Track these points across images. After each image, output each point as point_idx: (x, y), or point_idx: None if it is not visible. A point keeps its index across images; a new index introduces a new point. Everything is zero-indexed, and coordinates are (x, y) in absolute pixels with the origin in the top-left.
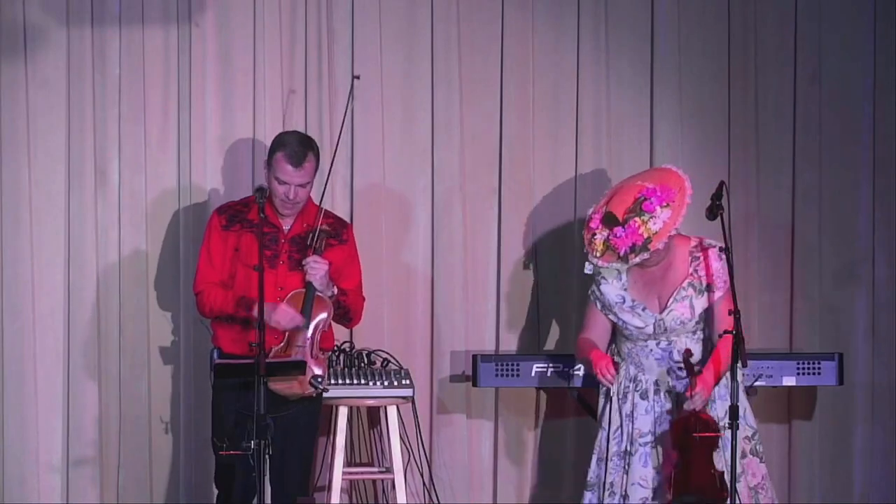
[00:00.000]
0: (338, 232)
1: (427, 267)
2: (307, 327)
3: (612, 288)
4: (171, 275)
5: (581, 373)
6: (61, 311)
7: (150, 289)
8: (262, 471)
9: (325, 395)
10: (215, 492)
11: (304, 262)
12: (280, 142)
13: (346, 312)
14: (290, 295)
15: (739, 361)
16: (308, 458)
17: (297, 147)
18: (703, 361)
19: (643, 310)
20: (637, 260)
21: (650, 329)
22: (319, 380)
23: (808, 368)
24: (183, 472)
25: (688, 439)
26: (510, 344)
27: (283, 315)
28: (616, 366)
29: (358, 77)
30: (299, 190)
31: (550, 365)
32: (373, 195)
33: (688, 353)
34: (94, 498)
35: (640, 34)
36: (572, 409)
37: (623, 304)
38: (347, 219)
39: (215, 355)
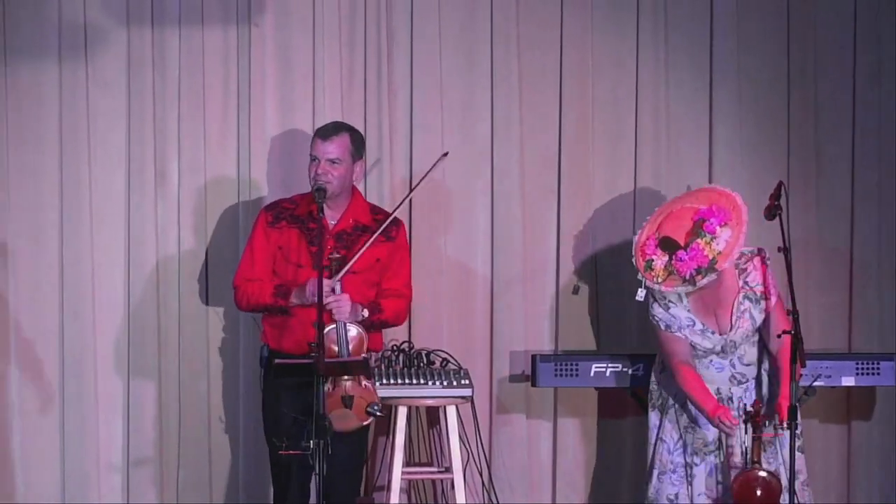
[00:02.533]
0: (386, 228)
1: (486, 267)
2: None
3: (681, 311)
4: (230, 273)
5: (640, 373)
6: (121, 311)
7: (209, 288)
8: (322, 470)
9: (383, 395)
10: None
11: (326, 304)
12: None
13: (385, 324)
14: (326, 329)
15: (798, 361)
16: (359, 461)
17: (330, 125)
18: (758, 362)
19: (711, 333)
20: (704, 282)
21: (719, 348)
22: (375, 407)
23: (867, 369)
24: (242, 471)
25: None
26: (569, 344)
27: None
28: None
29: (447, 154)
30: (328, 167)
31: (609, 365)
32: (432, 195)
33: (756, 406)
34: (154, 497)
35: (699, 34)
36: (630, 409)
37: (693, 326)
38: (407, 220)
39: (264, 352)
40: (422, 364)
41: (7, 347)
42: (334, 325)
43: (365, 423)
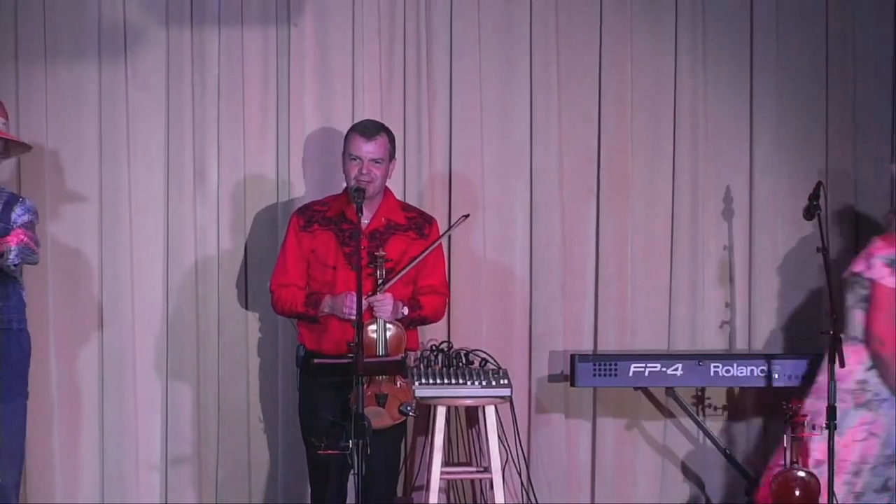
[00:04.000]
0: (420, 227)
1: (525, 267)
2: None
3: None
4: (268, 273)
5: (679, 372)
6: (160, 310)
7: (248, 287)
8: (360, 470)
9: (423, 395)
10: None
11: (369, 301)
12: (353, 125)
13: (424, 321)
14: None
15: (837, 361)
16: (396, 461)
17: (369, 123)
18: None
19: None
20: None
21: None
22: (409, 407)
23: None
24: (281, 470)
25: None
26: (608, 344)
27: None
28: None
29: (468, 216)
30: (371, 167)
31: (648, 365)
32: (471, 196)
33: (795, 406)
34: (193, 497)
35: (738, 34)
36: (669, 409)
37: None
38: (445, 219)
39: (300, 353)
40: (461, 364)
41: (46, 347)
42: (375, 324)
43: (397, 422)
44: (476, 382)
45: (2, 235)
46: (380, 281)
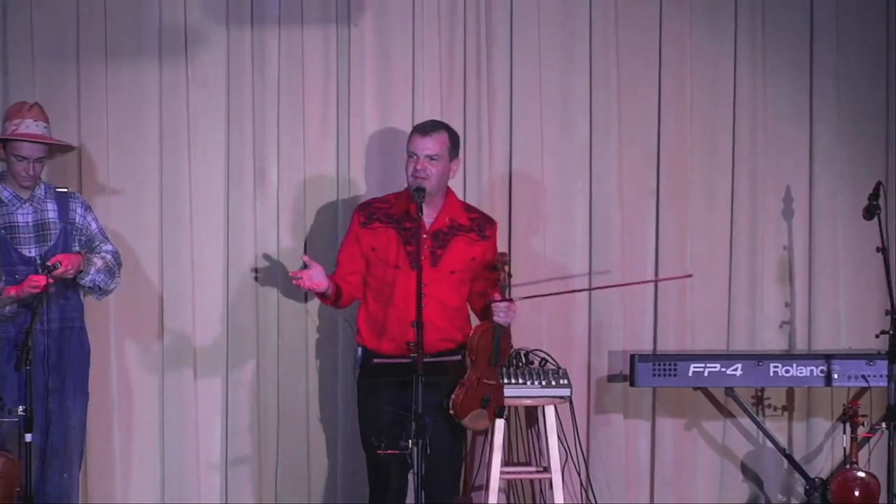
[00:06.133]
0: (482, 228)
1: (584, 266)
2: (496, 363)
3: None
4: (329, 273)
5: (738, 372)
6: (220, 310)
7: None
8: (420, 470)
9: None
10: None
11: (493, 306)
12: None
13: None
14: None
15: None
16: (458, 461)
17: (428, 121)
18: None
19: None
20: None
21: None
22: (504, 410)
23: None
24: (340, 471)
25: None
26: (667, 344)
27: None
28: None
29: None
30: (427, 163)
31: (707, 365)
32: (531, 196)
33: (854, 406)
34: (252, 497)
35: (797, 34)
36: (728, 409)
37: None
38: (506, 220)
39: (360, 353)
40: (521, 364)
41: (107, 348)
42: (490, 326)
43: (493, 423)
44: (536, 382)
45: (70, 235)
46: (503, 285)
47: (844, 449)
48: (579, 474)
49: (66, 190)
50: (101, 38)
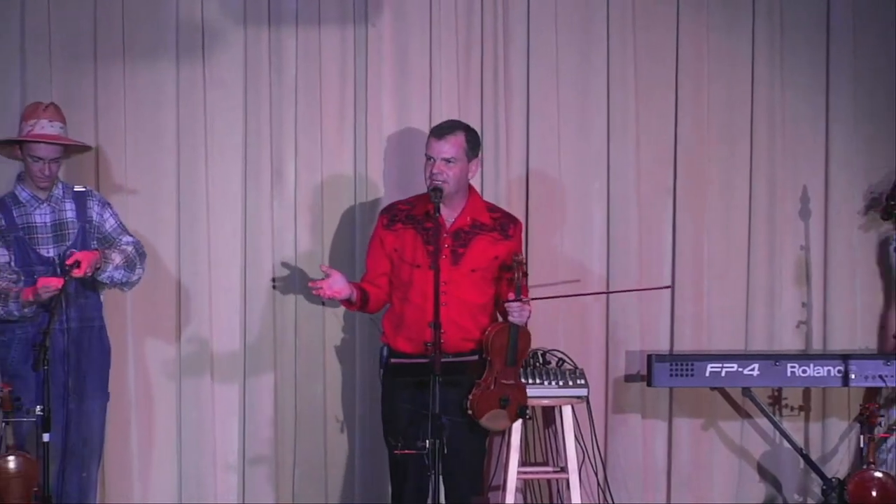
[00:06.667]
0: (504, 227)
1: (602, 266)
2: (513, 363)
3: None
4: (346, 273)
5: (755, 372)
6: (238, 311)
7: None
8: (437, 470)
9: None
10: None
11: (507, 305)
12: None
13: None
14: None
15: None
16: (479, 461)
17: (445, 123)
18: None
19: None
20: None
21: None
22: (526, 410)
23: None
24: (358, 470)
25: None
26: (684, 344)
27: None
28: None
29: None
30: (443, 166)
31: (724, 365)
32: (549, 195)
33: (871, 407)
34: (270, 497)
35: (814, 35)
36: (746, 409)
37: None
38: (523, 220)
39: (385, 353)
40: (538, 364)
41: (125, 349)
42: (507, 325)
43: (513, 423)
44: (553, 382)
45: (89, 234)
46: (518, 285)
47: (861, 449)
48: (596, 474)
49: (83, 189)
50: (118, 38)
